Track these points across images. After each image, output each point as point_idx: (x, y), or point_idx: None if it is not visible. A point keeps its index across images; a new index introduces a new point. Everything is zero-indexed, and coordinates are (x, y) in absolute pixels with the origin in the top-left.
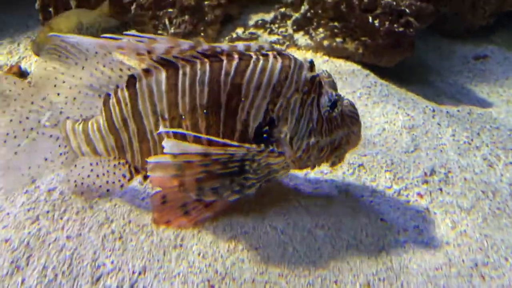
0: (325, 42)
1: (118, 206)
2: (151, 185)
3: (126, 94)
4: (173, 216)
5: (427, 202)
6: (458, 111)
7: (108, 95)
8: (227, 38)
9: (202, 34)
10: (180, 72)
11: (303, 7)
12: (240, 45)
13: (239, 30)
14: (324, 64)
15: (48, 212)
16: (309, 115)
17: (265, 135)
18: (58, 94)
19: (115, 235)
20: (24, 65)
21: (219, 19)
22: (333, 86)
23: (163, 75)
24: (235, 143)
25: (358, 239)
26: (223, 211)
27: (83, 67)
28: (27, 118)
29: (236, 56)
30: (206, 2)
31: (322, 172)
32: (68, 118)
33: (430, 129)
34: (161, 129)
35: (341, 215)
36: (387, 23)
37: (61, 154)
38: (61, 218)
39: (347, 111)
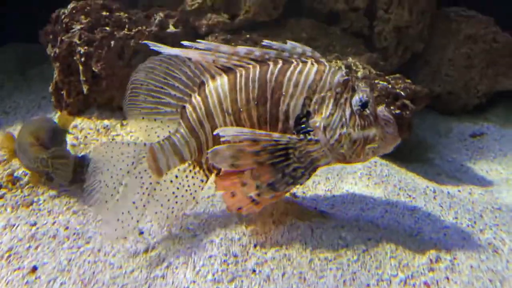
0: None
1: None
2: (217, 190)
3: (199, 98)
4: (243, 204)
5: None
6: (459, 191)
7: (184, 107)
8: None
9: None
10: (238, 74)
11: None
12: (288, 45)
13: None
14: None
15: None
16: (341, 111)
17: (303, 125)
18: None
19: None
20: None
21: None
22: (367, 92)
23: (225, 78)
24: (277, 133)
25: None
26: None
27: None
28: (120, 169)
29: (280, 61)
30: None
31: (326, 259)
32: (151, 144)
33: (432, 212)
34: (220, 128)
35: None
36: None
37: (150, 184)
38: None
39: (381, 115)
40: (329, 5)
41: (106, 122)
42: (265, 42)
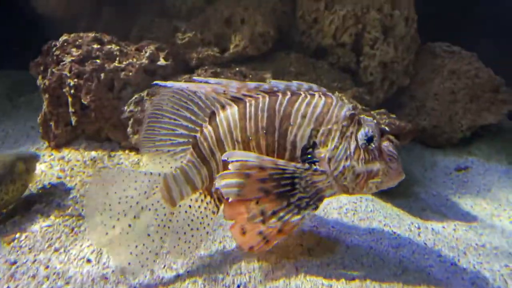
0: None
1: None
2: (225, 219)
3: (210, 128)
4: (254, 242)
5: None
6: (444, 227)
7: (195, 137)
8: None
9: None
10: (247, 104)
11: None
12: (294, 83)
13: None
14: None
15: None
16: (347, 144)
17: (309, 156)
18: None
19: None
20: None
21: None
22: (372, 127)
23: (235, 108)
24: (284, 161)
25: None
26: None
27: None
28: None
29: (289, 92)
30: None
31: None
32: (165, 174)
33: (416, 249)
34: (227, 153)
35: None
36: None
37: (164, 215)
38: None
39: (386, 150)
40: (317, 40)
41: (93, 153)
42: (273, 81)
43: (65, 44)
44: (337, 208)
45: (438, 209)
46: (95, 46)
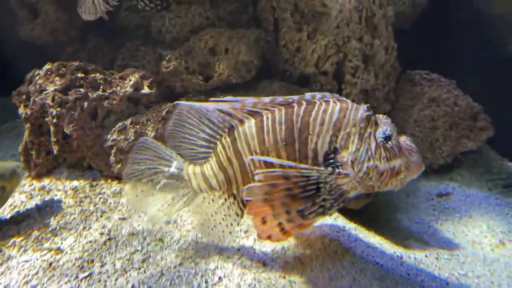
0: None
1: None
2: (248, 214)
3: (228, 139)
4: (273, 232)
5: None
6: (426, 256)
7: (216, 144)
8: None
9: None
10: (264, 117)
11: None
12: (308, 95)
13: None
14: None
15: None
16: (367, 145)
17: (331, 161)
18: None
19: None
20: None
21: None
22: (389, 124)
23: (252, 121)
24: (308, 166)
25: None
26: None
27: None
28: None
29: (304, 102)
30: None
31: None
32: (189, 164)
33: (399, 280)
34: (253, 157)
35: None
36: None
37: (184, 194)
38: None
39: (404, 145)
40: (300, 68)
41: (75, 183)
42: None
43: (49, 73)
44: (320, 237)
45: (421, 236)
46: (79, 74)
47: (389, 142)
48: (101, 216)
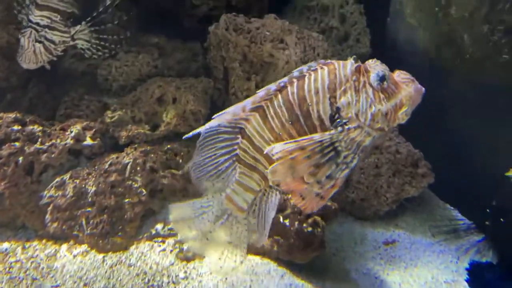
0: None
1: None
2: (282, 188)
3: (245, 141)
4: (314, 203)
5: None
6: None
7: (237, 154)
8: (145, 235)
9: (120, 234)
10: (265, 107)
11: None
12: (295, 71)
13: (159, 226)
14: (241, 264)
15: None
16: (365, 93)
17: (338, 120)
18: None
19: None
20: None
21: (139, 216)
22: (379, 66)
23: (257, 115)
24: (318, 134)
25: None
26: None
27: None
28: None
29: (294, 80)
30: (126, 200)
31: None
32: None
33: None
34: (268, 148)
35: None
36: (296, 223)
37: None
38: None
39: (400, 79)
40: None
41: (5, 245)
42: (270, 85)
43: None
44: None
45: None
46: (15, 127)
47: (384, 83)
48: (31, 285)
